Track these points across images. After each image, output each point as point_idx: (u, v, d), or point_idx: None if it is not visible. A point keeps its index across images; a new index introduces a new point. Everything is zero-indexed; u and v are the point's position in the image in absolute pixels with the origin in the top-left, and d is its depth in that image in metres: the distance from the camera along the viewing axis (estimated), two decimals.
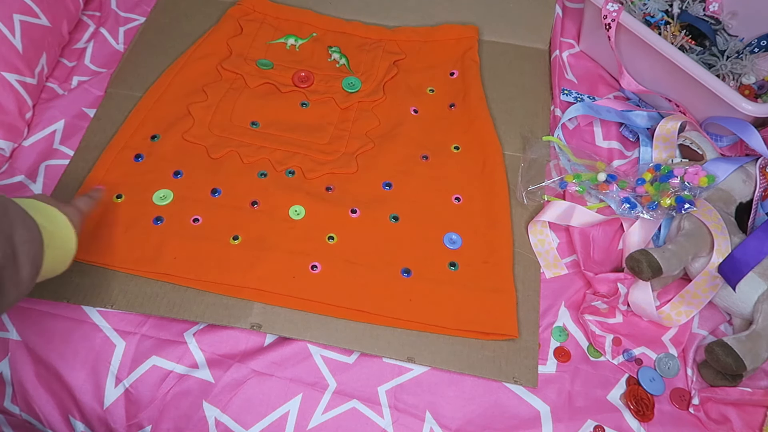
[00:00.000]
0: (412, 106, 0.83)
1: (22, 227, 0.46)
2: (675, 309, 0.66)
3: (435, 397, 0.62)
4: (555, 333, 0.67)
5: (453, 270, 0.68)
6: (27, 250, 0.46)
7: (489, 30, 0.92)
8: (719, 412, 0.62)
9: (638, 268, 0.64)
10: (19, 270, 0.45)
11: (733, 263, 0.63)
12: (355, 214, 0.72)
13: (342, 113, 0.81)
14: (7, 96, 0.73)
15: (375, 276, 0.67)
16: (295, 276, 0.66)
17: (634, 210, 0.70)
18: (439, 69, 0.87)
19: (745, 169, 0.72)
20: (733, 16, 0.88)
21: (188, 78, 0.82)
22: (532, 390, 0.63)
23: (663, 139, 0.77)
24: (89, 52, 0.86)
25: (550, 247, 0.72)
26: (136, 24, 0.91)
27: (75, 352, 0.62)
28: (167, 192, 0.72)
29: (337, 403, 0.61)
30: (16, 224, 0.46)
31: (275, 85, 0.83)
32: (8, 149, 0.74)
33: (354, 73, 0.85)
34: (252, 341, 0.64)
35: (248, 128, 0.78)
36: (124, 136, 0.76)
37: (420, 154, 0.78)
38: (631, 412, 0.62)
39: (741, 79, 0.81)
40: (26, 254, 0.46)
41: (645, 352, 0.66)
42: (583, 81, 0.88)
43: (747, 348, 0.60)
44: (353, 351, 0.64)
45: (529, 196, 0.74)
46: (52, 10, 0.80)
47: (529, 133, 0.80)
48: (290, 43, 0.88)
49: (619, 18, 0.78)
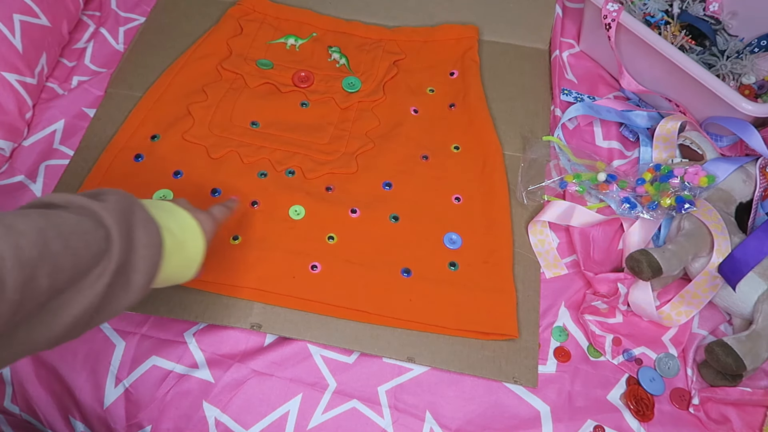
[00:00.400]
0: (412, 106, 0.83)
1: (143, 230, 0.44)
2: (675, 309, 0.66)
3: (435, 397, 0.62)
4: (555, 333, 0.67)
5: (453, 270, 0.68)
6: (144, 254, 0.44)
7: (489, 30, 0.92)
8: (719, 412, 0.62)
9: (638, 268, 0.64)
10: (132, 275, 0.43)
11: (733, 263, 0.63)
12: (355, 214, 0.72)
13: (342, 113, 0.81)
14: (7, 96, 0.73)
15: (375, 276, 0.67)
16: (295, 276, 0.66)
17: (634, 210, 0.70)
18: (439, 69, 0.87)
19: (745, 169, 0.72)
20: (733, 16, 0.88)
21: (188, 78, 0.82)
22: (532, 390, 0.63)
23: (663, 139, 0.77)
24: (89, 52, 0.86)
25: (550, 247, 0.72)
26: (136, 24, 0.91)
27: (75, 352, 0.62)
28: (167, 192, 0.72)
29: (337, 403, 0.61)
30: (138, 226, 0.44)
31: (275, 85, 0.83)
32: (8, 149, 0.74)
33: (354, 73, 0.85)
34: (252, 341, 0.64)
35: (248, 128, 0.78)
36: (124, 136, 0.76)
37: (420, 154, 0.78)
38: (631, 412, 0.62)
39: (741, 79, 0.81)
40: (143, 259, 0.43)
41: (645, 352, 0.66)
42: (583, 81, 0.88)
43: (747, 348, 0.60)
44: (353, 351, 0.64)
45: (529, 196, 0.74)
46: (52, 10, 0.80)
47: (529, 133, 0.80)
48: (290, 43, 0.88)
49: (619, 18, 0.78)
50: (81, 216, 0.41)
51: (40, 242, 0.36)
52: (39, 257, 0.36)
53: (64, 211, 0.41)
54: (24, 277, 0.34)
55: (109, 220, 0.41)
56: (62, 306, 0.38)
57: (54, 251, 0.37)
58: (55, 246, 0.37)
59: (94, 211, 0.42)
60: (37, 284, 0.36)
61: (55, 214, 0.40)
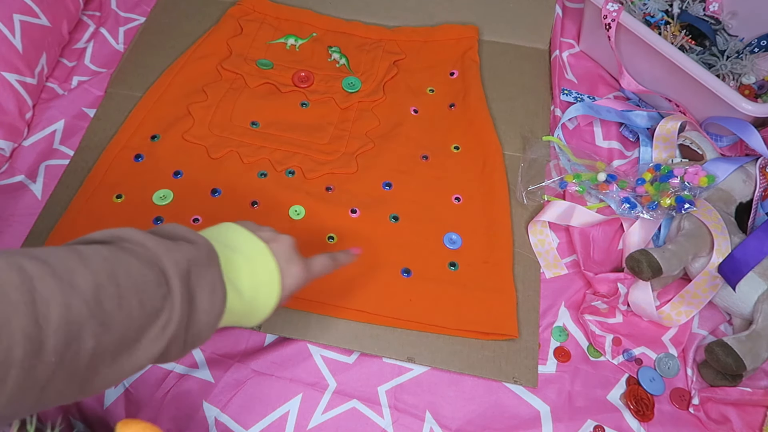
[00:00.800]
0: (412, 106, 0.83)
1: (207, 296, 0.40)
2: (675, 309, 0.66)
3: (435, 397, 0.62)
4: (555, 333, 0.67)
5: (453, 270, 0.68)
6: (202, 321, 0.40)
7: (489, 30, 0.92)
8: (719, 412, 0.62)
9: (638, 268, 0.64)
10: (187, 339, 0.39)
11: (733, 263, 0.63)
12: (355, 214, 0.72)
13: (342, 113, 0.81)
14: (7, 96, 0.73)
15: (375, 276, 0.67)
16: None
17: (634, 210, 0.70)
18: (439, 69, 0.87)
19: (745, 169, 0.72)
20: (733, 16, 0.88)
21: (188, 78, 0.82)
22: (532, 390, 0.63)
23: (663, 139, 0.77)
24: (89, 52, 0.86)
25: (550, 247, 0.72)
26: (136, 24, 0.91)
27: None
28: (167, 192, 0.72)
29: (337, 403, 0.61)
30: (203, 290, 0.40)
31: (275, 85, 0.83)
32: (8, 149, 0.74)
33: (354, 73, 0.85)
34: (252, 341, 0.64)
35: (248, 128, 0.78)
36: (124, 136, 0.76)
37: (420, 154, 0.78)
38: (631, 412, 0.62)
39: (741, 79, 0.81)
40: (200, 325, 0.40)
41: (645, 352, 0.66)
42: (583, 81, 0.88)
43: (747, 348, 0.60)
44: (353, 351, 0.64)
45: (529, 196, 0.74)
46: (52, 10, 0.80)
47: (529, 133, 0.80)
48: (290, 43, 0.88)
49: (619, 18, 0.78)
50: (144, 265, 0.37)
51: (93, 300, 0.33)
52: (88, 317, 0.33)
53: (132, 256, 0.38)
54: (67, 338, 0.32)
55: (173, 278, 0.38)
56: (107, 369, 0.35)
57: (106, 310, 0.34)
58: (108, 305, 0.34)
59: (162, 265, 0.38)
60: (81, 346, 0.33)
61: (121, 261, 0.36)
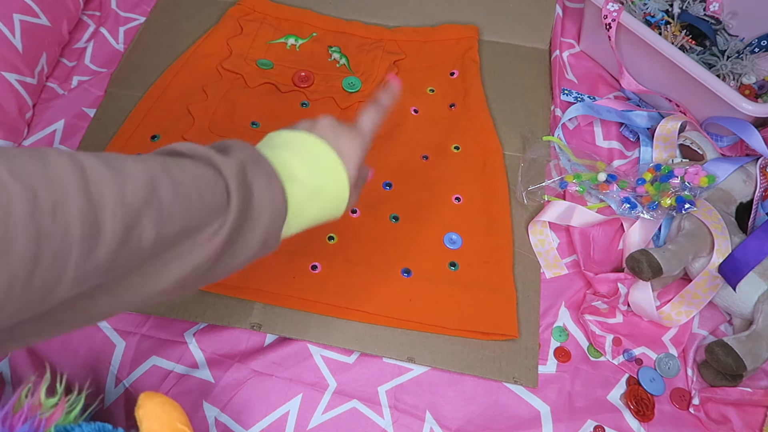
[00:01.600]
0: (412, 106, 0.83)
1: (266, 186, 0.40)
2: (675, 309, 0.66)
3: (435, 397, 0.62)
4: (555, 333, 0.67)
5: (453, 270, 0.68)
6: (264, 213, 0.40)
7: (489, 30, 0.92)
8: (719, 412, 0.62)
9: (638, 268, 0.64)
10: (249, 234, 0.39)
11: (734, 263, 0.63)
12: (355, 214, 0.72)
13: (342, 113, 0.81)
14: (7, 96, 0.73)
15: (375, 276, 0.67)
16: (296, 276, 0.66)
17: (635, 210, 0.70)
18: (439, 69, 0.87)
19: (745, 169, 0.72)
20: (733, 16, 0.88)
21: (188, 78, 0.82)
22: (532, 390, 0.63)
23: (663, 139, 0.77)
24: (89, 52, 0.86)
25: (550, 247, 0.72)
26: (136, 24, 0.91)
27: (75, 352, 0.62)
28: None
29: (337, 403, 0.61)
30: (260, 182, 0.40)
31: (275, 85, 0.83)
32: None
33: (354, 73, 0.85)
34: (252, 341, 0.64)
35: (248, 128, 0.78)
36: (124, 136, 0.76)
37: (420, 154, 0.78)
38: (631, 412, 0.62)
39: (741, 79, 0.81)
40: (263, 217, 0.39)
41: (645, 352, 0.66)
42: (583, 81, 0.88)
43: (747, 348, 0.60)
44: (353, 351, 0.64)
45: (529, 196, 0.74)
46: (52, 10, 0.80)
47: (529, 133, 0.80)
48: (290, 43, 0.88)
49: (620, 18, 0.78)
50: (199, 164, 0.38)
51: (148, 187, 0.33)
52: (145, 203, 0.32)
53: (184, 157, 0.38)
54: (126, 223, 0.31)
55: (228, 171, 0.38)
56: (172, 260, 0.35)
57: (163, 199, 0.33)
58: (165, 194, 0.33)
59: (215, 162, 0.38)
60: (141, 233, 0.32)
61: (174, 161, 0.36)
